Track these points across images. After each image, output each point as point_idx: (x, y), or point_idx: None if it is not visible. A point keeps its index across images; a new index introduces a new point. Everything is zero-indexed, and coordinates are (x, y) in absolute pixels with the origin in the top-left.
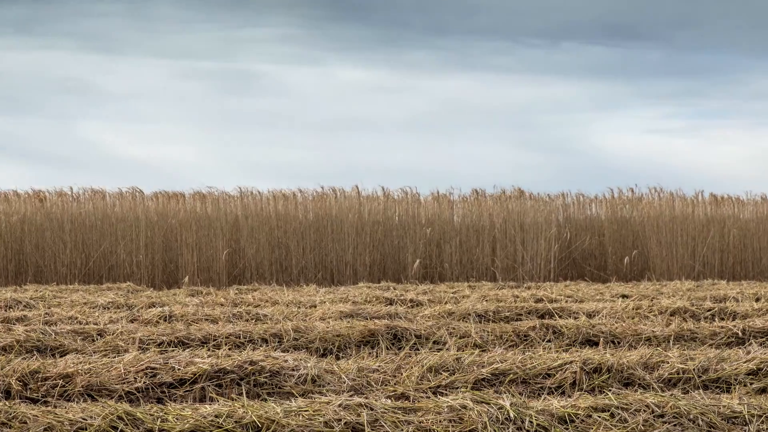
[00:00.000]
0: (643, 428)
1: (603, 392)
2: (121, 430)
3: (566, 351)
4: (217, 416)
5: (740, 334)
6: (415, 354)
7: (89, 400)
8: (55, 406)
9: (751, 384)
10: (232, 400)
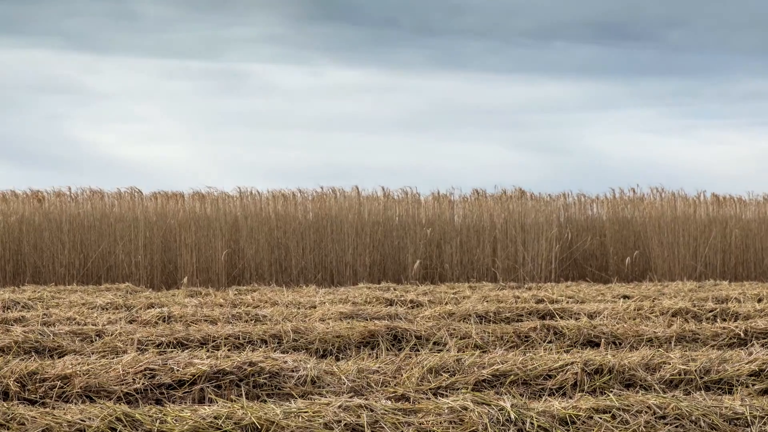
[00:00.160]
0: (644, 430)
1: (604, 393)
2: None
3: (567, 352)
4: (216, 417)
5: (742, 335)
6: (416, 355)
7: (88, 401)
8: (54, 408)
9: (753, 385)
10: (232, 401)
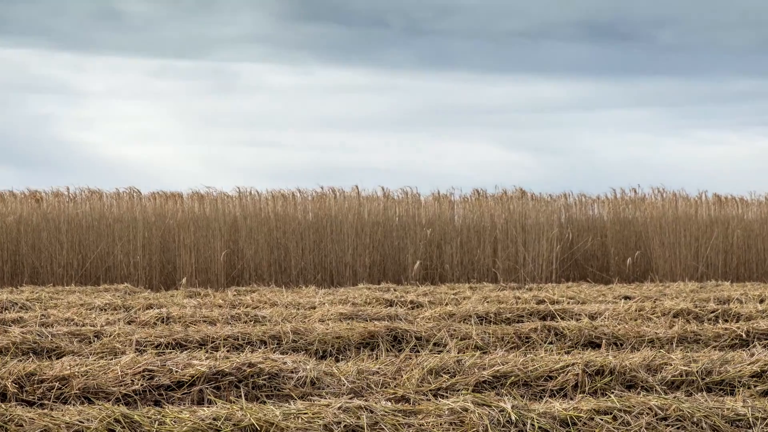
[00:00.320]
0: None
1: (605, 395)
2: None
3: (568, 353)
4: (215, 419)
5: (744, 336)
6: (416, 356)
7: (86, 402)
8: (52, 409)
9: (755, 386)
10: (231, 402)
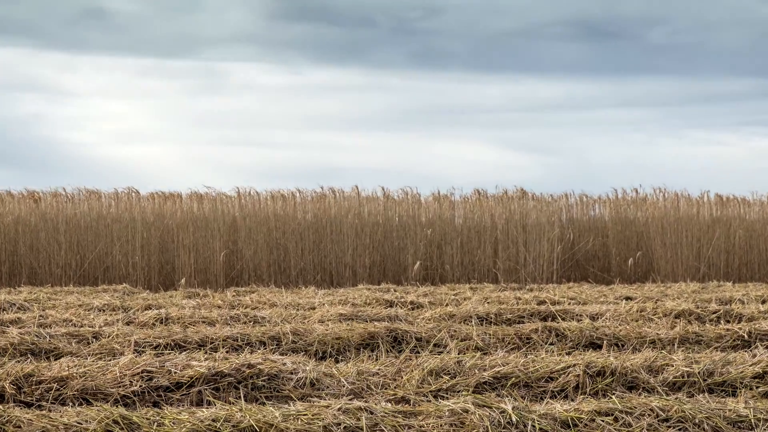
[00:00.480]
0: None
1: (607, 396)
2: None
3: (569, 354)
4: (214, 420)
5: (746, 337)
6: (416, 357)
7: (84, 404)
8: (50, 410)
9: (757, 387)
10: (230, 403)
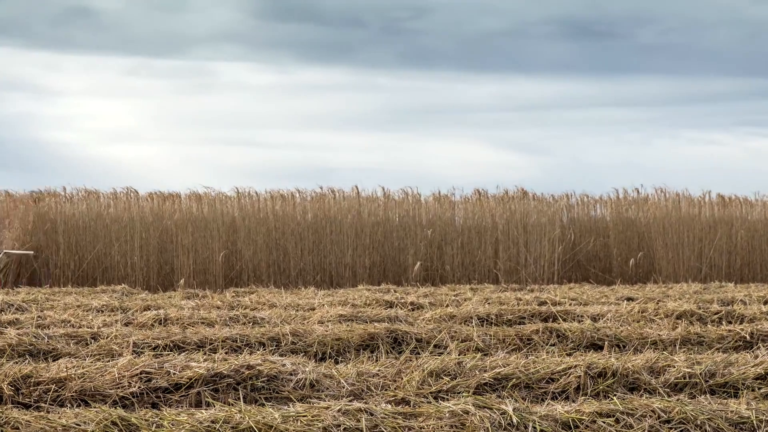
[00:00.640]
0: None
1: (608, 397)
2: None
3: (570, 355)
4: (213, 422)
5: (748, 338)
6: (416, 358)
7: (83, 405)
8: (48, 412)
9: (759, 389)
10: (229, 405)
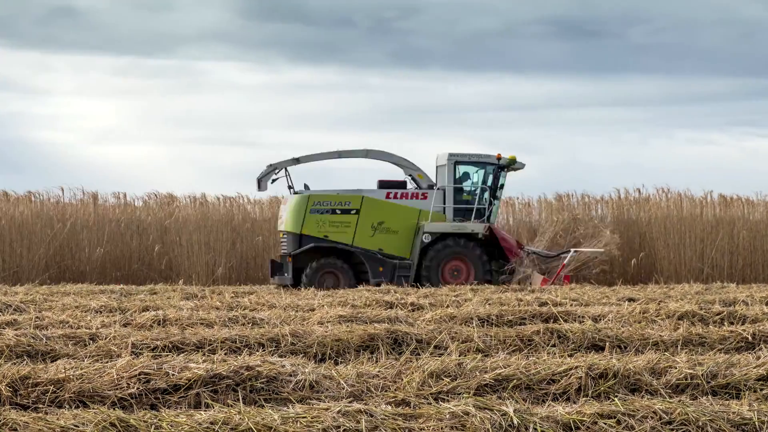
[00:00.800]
0: None
1: (609, 398)
2: None
3: (571, 356)
4: (212, 423)
5: (750, 339)
6: (416, 359)
7: (81, 406)
8: (46, 413)
9: (761, 390)
10: (228, 406)
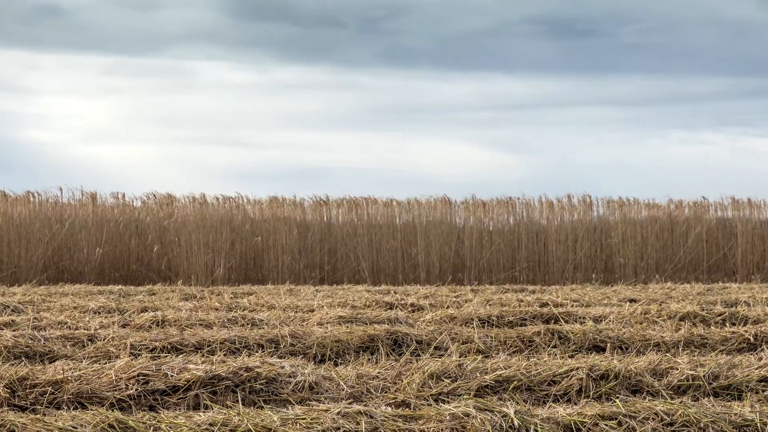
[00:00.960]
0: None
1: (610, 400)
2: None
3: (572, 357)
4: (211, 424)
5: (752, 340)
6: (416, 360)
7: (79, 407)
8: (44, 414)
9: (764, 391)
10: (227, 407)
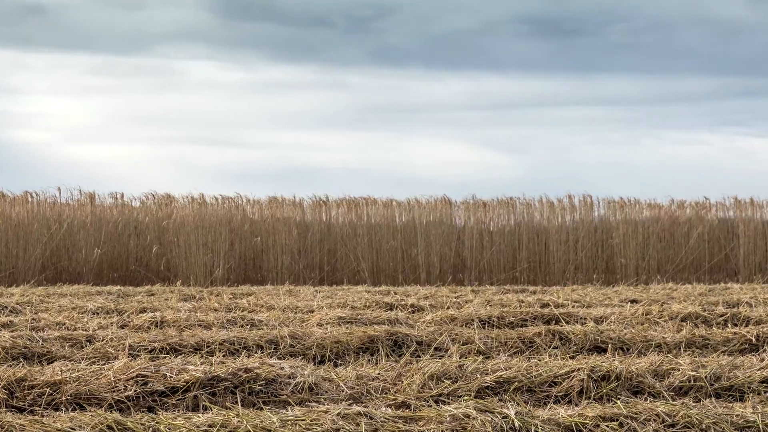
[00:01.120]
0: None
1: (611, 401)
2: None
3: (573, 358)
4: (210, 426)
5: (754, 341)
6: (416, 361)
7: (78, 409)
8: (43, 416)
9: (765, 392)
10: (226, 409)
